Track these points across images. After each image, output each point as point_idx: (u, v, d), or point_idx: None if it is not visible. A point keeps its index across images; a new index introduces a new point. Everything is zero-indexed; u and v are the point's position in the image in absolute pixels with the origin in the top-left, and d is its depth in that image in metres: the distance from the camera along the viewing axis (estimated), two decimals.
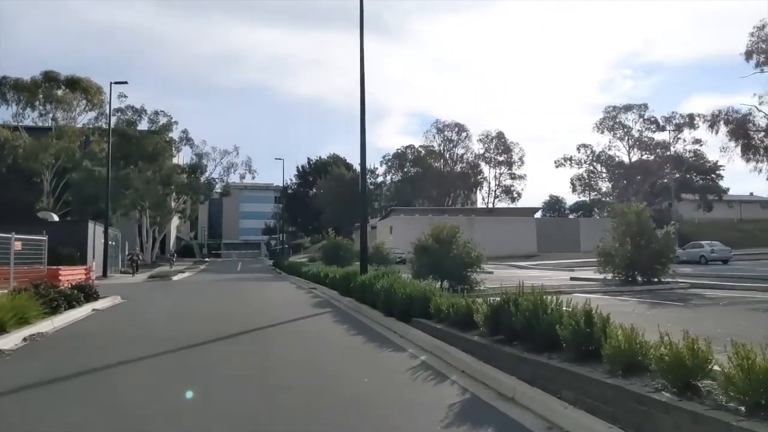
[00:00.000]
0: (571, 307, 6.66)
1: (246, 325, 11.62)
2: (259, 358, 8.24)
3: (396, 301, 11.30)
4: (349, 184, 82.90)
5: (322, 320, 12.81)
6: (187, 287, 25.99)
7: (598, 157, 62.90)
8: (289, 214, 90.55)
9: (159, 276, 31.86)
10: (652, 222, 18.04)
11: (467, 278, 16.87)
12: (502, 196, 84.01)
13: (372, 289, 13.52)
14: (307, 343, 9.63)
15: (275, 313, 14.31)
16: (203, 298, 19.64)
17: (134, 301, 17.33)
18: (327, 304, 16.79)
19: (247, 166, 61.60)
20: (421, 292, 10.78)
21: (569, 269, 34.26)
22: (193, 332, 10.49)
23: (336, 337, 10.18)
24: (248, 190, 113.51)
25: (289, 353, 8.57)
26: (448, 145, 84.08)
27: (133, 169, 54.88)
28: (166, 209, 58.09)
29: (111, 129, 54.73)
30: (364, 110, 18.02)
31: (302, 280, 29.29)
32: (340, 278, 18.09)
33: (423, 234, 17.83)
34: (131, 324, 12.38)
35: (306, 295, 20.62)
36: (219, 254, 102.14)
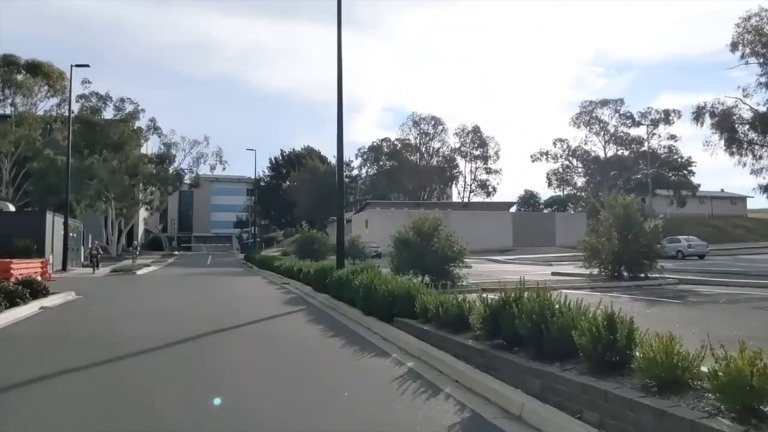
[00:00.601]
0: (581, 309, 5.78)
1: (209, 325, 10.52)
2: (217, 368, 7.16)
3: (377, 298, 10.33)
4: (323, 177, 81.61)
5: (295, 319, 11.76)
6: (151, 282, 24.63)
7: (574, 152, 62.65)
8: (261, 207, 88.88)
9: (122, 270, 30.35)
10: (640, 215, 17.37)
11: (450, 273, 16.02)
12: (477, 190, 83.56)
13: (350, 285, 12.53)
14: (277, 347, 8.57)
15: (244, 310, 13.21)
16: (166, 294, 18.39)
17: (90, 298, 16.01)
18: (300, 301, 15.74)
19: (217, 157, 59.82)
20: (405, 289, 9.82)
21: (548, 264, 33.71)
22: (146, 335, 9.37)
23: (310, 340, 9.15)
24: (220, 182, 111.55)
25: (255, 361, 7.50)
26: (424, 138, 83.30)
27: (97, 158, 52.83)
28: (132, 200, 56.08)
29: (74, 115, 52.73)
30: (341, 99, 16.96)
31: (274, 274, 28.14)
32: (314, 273, 17.03)
33: (403, 227, 16.90)
34: (79, 325, 11.15)
35: (278, 290, 19.52)
36: (189, 247, 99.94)
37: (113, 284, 22.80)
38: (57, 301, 14.26)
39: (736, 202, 74.98)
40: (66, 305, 14.06)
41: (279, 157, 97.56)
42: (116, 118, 54.05)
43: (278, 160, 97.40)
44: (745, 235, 59.60)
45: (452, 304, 7.91)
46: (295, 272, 21.90)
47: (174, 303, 15.02)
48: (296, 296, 17.04)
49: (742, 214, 72.78)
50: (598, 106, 61.69)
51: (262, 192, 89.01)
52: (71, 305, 14.17)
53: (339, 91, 17.00)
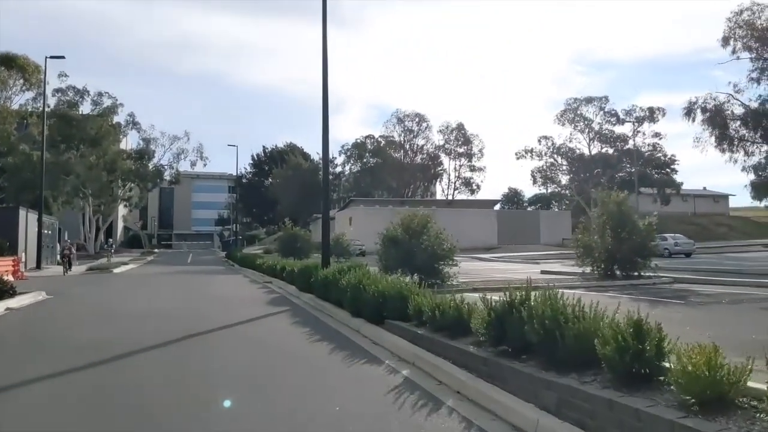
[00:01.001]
0: (599, 313, 5.23)
1: (185, 328, 9.84)
2: (191, 378, 6.50)
3: (366, 299, 9.72)
4: (306, 174, 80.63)
5: (279, 321, 11.10)
6: (128, 281, 23.74)
7: (559, 150, 62.47)
8: (243, 205, 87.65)
9: (99, 268, 29.37)
10: (634, 213, 16.94)
11: (439, 272, 15.45)
12: (461, 188, 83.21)
13: (337, 285, 11.90)
14: (259, 353, 7.91)
15: (224, 312, 12.52)
16: (142, 294, 17.57)
17: (61, 298, 15.19)
18: (284, 301, 15.06)
19: (198, 153, 58.71)
20: (396, 289, 9.21)
21: (535, 262, 33.35)
22: (115, 340, 8.66)
23: (295, 345, 8.50)
24: (201, 179, 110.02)
25: (235, 370, 6.84)
26: (408, 135, 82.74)
27: (74, 153, 51.51)
28: (110, 197, 54.78)
29: (50, 110, 51.36)
30: (326, 95, 16.27)
31: (257, 273, 27.37)
32: (299, 272, 16.35)
33: (391, 224, 16.29)
34: (44, 328, 10.36)
35: (260, 290, 18.81)
36: (170, 245, 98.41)
37: (88, 283, 21.90)
38: (25, 301, 13.44)
39: (719, 201, 75.47)
40: (34, 306, 13.24)
41: (261, 153, 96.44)
42: (94, 112, 52.69)
43: (260, 157, 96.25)
44: (728, 233, 59.93)
45: (450, 306, 7.32)
46: (279, 271, 21.19)
47: (149, 304, 14.25)
48: (280, 296, 16.36)
49: (724, 212, 73.27)
50: (583, 103, 61.63)
51: (244, 189, 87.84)
52: (40, 306, 13.34)
53: (324, 87, 16.33)
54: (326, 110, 15.97)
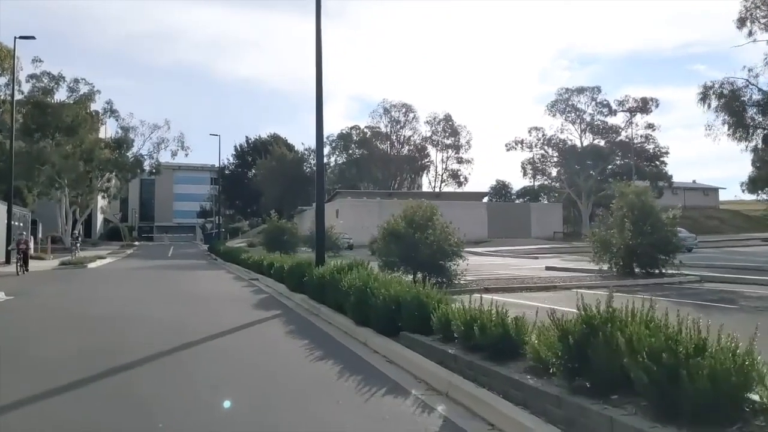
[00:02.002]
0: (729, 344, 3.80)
1: (158, 339, 8.29)
2: (155, 418, 4.96)
3: (375, 306, 8.22)
4: (290, 165, 78.93)
5: (270, 331, 9.55)
6: (101, 277, 21.97)
7: (549, 141, 61.32)
8: (226, 196, 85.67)
9: (72, 263, 27.51)
10: (656, 204, 15.62)
11: (446, 269, 14.02)
12: (449, 180, 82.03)
13: (335, 286, 10.38)
14: (249, 378, 6.34)
15: (206, 317, 10.96)
16: (115, 293, 15.86)
17: (21, 299, 13.47)
18: (273, 302, 13.50)
19: (179, 142, 56.53)
20: (413, 295, 7.73)
21: (532, 256, 32.08)
22: (67, 355, 7.13)
23: (294, 365, 6.97)
24: (182, 170, 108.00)
25: (216, 405, 5.30)
26: (395, 126, 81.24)
27: (50, 142, 49.22)
28: (87, 188, 52.54)
29: (23, 96, 49.06)
30: (320, 73, 14.70)
31: (241, 268, 25.74)
32: (290, 270, 14.78)
33: (392, 216, 14.80)
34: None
35: (246, 289, 17.21)
36: (151, 237, 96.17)
37: (57, 280, 20.14)
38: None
39: (709, 194, 74.94)
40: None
41: (244, 144, 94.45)
42: (70, 99, 50.38)
43: (243, 148, 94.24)
44: (720, 226, 59.28)
45: (491, 320, 5.85)
46: (265, 267, 19.61)
47: (120, 305, 12.61)
48: (268, 297, 14.79)
49: (714, 206, 72.74)
50: (575, 93, 60.42)
51: (227, 180, 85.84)
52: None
53: (318, 69, 14.75)
54: (320, 89, 14.40)
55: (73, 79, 50.66)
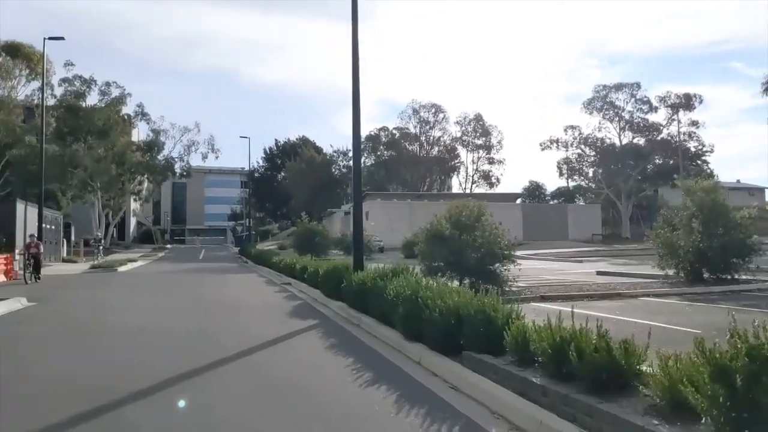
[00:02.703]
0: None
1: (183, 356, 7.34)
2: None
3: (431, 320, 7.11)
4: (319, 168, 78.34)
5: (309, 344, 8.51)
6: (130, 282, 21.29)
7: (586, 140, 59.37)
8: (256, 199, 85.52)
9: (102, 266, 26.99)
10: (728, 203, 14.20)
11: (496, 275, 12.85)
12: (479, 181, 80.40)
13: (380, 295, 9.31)
14: (289, 411, 5.28)
15: (238, 328, 9.99)
16: (142, 299, 15.04)
17: (43, 306, 12.70)
18: (309, 310, 12.48)
19: (209, 145, 56.23)
20: (477, 308, 6.61)
21: (576, 260, 30.57)
22: (79, 379, 6.18)
23: (340, 392, 5.88)
24: (213, 174, 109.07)
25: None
26: (424, 127, 79.89)
27: (82, 145, 49.34)
28: (119, 190, 52.54)
29: (56, 100, 49.27)
30: (357, 68, 13.66)
31: (273, 272, 24.87)
32: (326, 275, 13.75)
33: (435, 217, 13.68)
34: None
35: (279, 294, 16.25)
36: (183, 240, 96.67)
37: (84, 285, 19.49)
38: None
39: (754, 194, 71.85)
40: (3, 319, 10.74)
41: (273, 147, 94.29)
42: (101, 103, 50.46)
43: (273, 151, 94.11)
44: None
45: (589, 343, 4.70)
46: (298, 271, 18.66)
47: (145, 314, 11.73)
48: (303, 303, 13.79)
49: (760, 206, 69.46)
50: (613, 90, 58.40)
51: (257, 183, 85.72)
52: (9, 319, 10.83)
53: (354, 58, 13.72)
54: (357, 80, 13.36)
55: (104, 83, 50.83)
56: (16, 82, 47.12)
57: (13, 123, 46.18)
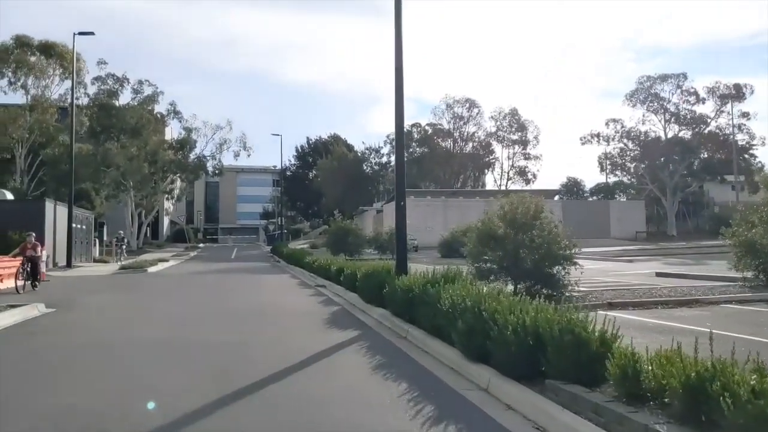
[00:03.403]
0: None
1: (205, 378, 6.27)
2: None
3: (501, 339, 5.86)
4: (351, 165, 77.34)
5: (351, 364, 7.31)
6: (158, 284, 20.45)
7: (629, 133, 56.95)
8: (288, 197, 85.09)
9: (133, 267, 26.35)
10: None
11: (555, 279, 11.50)
12: (515, 177, 78.43)
13: (431, 304, 8.10)
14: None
15: (267, 340, 8.89)
16: (169, 305, 14.02)
17: (61, 314, 11.77)
18: (348, 318, 11.32)
19: (241, 143, 55.64)
20: (565, 328, 5.34)
21: (625, 259, 28.87)
22: (87, 411, 5.06)
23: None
24: (245, 172, 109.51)
25: None
26: (457, 122, 78.27)
27: (115, 144, 49.25)
28: (151, 189, 52.33)
29: (89, 99, 49.25)
30: (400, 49, 12.45)
31: (306, 272, 23.84)
32: (365, 278, 12.55)
33: (485, 213, 12.39)
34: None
35: (314, 298, 15.14)
36: (216, 239, 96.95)
37: (111, 287, 18.70)
38: (6, 320, 10.09)
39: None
40: (14, 330, 9.80)
41: (305, 145, 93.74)
42: (134, 101, 50.32)
43: (304, 149, 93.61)
44: None
45: (744, 383, 3.41)
46: (334, 273, 17.53)
47: (169, 323, 10.71)
48: (340, 309, 12.64)
49: None
50: (657, 81, 55.90)
51: (289, 182, 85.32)
52: (21, 329, 9.88)
53: (398, 40, 12.50)
54: (400, 62, 12.13)
55: (137, 81, 50.71)
56: (50, 81, 47.17)
57: (47, 122, 46.30)
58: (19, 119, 44.33)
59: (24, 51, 46.01)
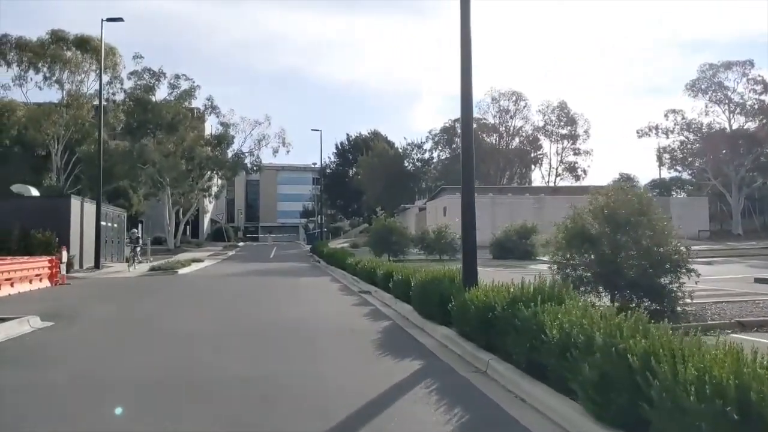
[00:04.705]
0: None
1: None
2: None
3: (679, 410, 3.49)
4: (392, 162, 74.97)
5: (422, 424, 5.03)
6: (185, 289, 18.47)
7: (689, 125, 53.09)
8: (327, 195, 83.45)
9: (162, 268, 24.64)
10: None
11: (666, 292, 9.01)
12: (564, 173, 74.93)
13: (526, 330, 5.79)
14: None
15: (303, 373, 6.71)
16: (190, 317, 11.91)
17: (57, 330, 9.76)
18: (404, 339, 9.04)
19: (280, 139, 53.86)
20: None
21: (703, 261, 25.71)
22: None
23: None
24: (285, 171, 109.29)
25: None
26: (503, 116, 75.10)
27: (151, 140, 48.21)
28: (188, 187, 51.09)
29: (124, 94, 48.21)
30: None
31: (347, 275, 21.68)
32: (421, 287, 10.23)
33: (573, 208, 9.98)
34: None
35: (359, 309, 12.90)
36: (256, 237, 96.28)
37: (130, 292, 16.88)
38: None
39: None
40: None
41: (345, 142, 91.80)
42: (170, 96, 49.15)
43: (344, 146, 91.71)
44: None
45: None
46: (380, 277, 15.28)
47: (186, 346, 8.61)
48: (392, 325, 10.37)
49: None
50: (721, 69, 51.90)
51: (328, 179, 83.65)
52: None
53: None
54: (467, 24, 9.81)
55: (173, 75, 49.47)
56: (85, 76, 46.33)
57: (83, 118, 45.49)
58: (53, 115, 43.51)
59: (60, 46, 45.22)
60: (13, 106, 45.18)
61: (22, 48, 44.13)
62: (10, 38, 44.07)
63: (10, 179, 37.28)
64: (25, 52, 43.99)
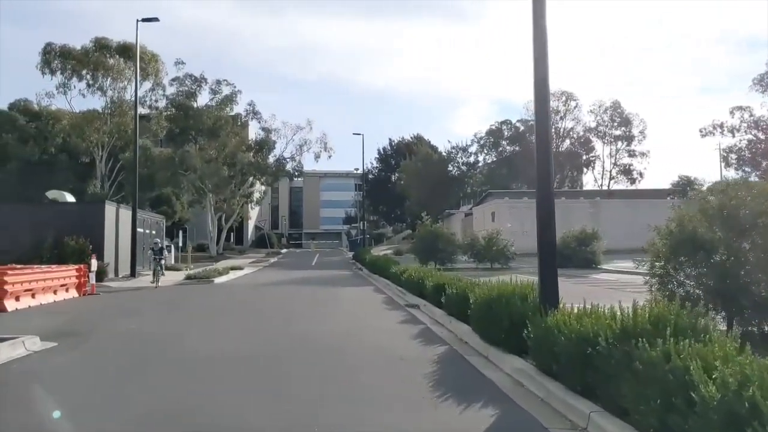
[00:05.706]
0: None
1: None
2: None
3: None
4: (436, 166, 72.97)
5: None
6: (218, 301, 17.08)
7: (757, 123, 49.56)
8: (370, 201, 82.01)
9: (198, 277, 23.45)
10: None
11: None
12: (618, 176, 71.40)
13: (654, 379, 3.97)
14: None
15: (340, 419, 5.03)
16: (217, 336, 10.40)
17: (58, 353, 8.38)
18: (464, 371, 7.30)
19: (322, 143, 52.61)
20: None
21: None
22: None
23: None
24: (328, 177, 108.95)
25: None
26: (553, 117, 72.12)
27: (193, 146, 47.73)
28: (230, 193, 50.36)
29: (166, 100, 47.85)
30: None
31: (392, 285, 20.02)
32: (484, 306, 8.43)
33: (678, 210, 8.04)
34: None
35: (407, 328, 11.17)
36: (300, 244, 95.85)
37: (158, 304, 15.56)
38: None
39: None
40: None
41: (387, 147, 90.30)
42: (212, 101, 48.60)
43: (387, 151, 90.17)
44: None
45: None
46: (430, 290, 13.54)
47: (207, 374, 7.10)
48: (449, 351, 8.61)
49: None
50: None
51: (371, 185, 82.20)
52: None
53: None
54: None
55: (215, 81, 48.87)
56: (128, 82, 46.19)
57: (125, 125, 45.31)
58: (95, 122, 43.43)
59: (103, 53, 45.17)
60: (59, 114, 45.49)
61: (65, 56, 44.19)
62: (54, 46, 44.14)
63: (57, 187, 37.14)
64: (68, 60, 44.05)
